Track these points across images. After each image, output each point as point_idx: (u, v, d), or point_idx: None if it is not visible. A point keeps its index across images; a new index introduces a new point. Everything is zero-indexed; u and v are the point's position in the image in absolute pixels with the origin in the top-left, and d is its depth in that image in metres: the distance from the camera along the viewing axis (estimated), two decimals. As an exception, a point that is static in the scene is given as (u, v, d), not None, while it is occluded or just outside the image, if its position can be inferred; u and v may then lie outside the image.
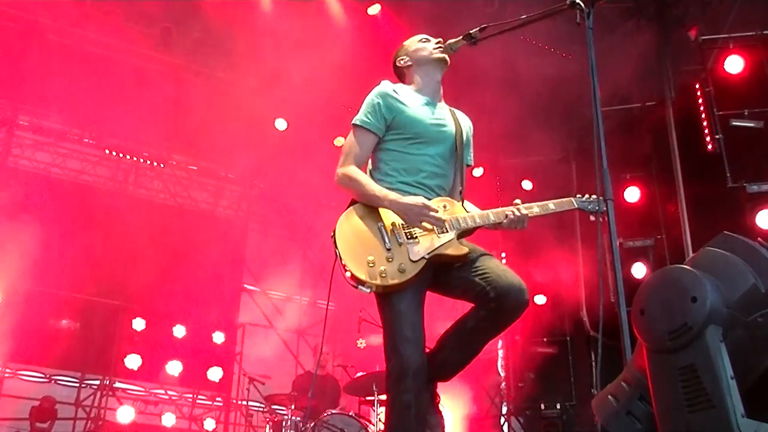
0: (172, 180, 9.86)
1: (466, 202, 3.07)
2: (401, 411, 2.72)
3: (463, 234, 2.90)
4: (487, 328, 2.82)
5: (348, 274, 2.73)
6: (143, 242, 8.46)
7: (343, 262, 2.74)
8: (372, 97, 3.02)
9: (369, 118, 2.97)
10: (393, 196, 2.83)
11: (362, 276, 2.69)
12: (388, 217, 2.83)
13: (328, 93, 7.72)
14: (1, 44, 7.52)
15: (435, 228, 2.81)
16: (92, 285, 8.49)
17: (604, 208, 2.74)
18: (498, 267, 2.81)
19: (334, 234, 2.80)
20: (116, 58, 7.96)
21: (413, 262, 2.73)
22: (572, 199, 3.10)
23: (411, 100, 3.04)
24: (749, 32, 6.44)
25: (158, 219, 8.99)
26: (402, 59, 3.20)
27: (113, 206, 8.92)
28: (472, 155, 3.25)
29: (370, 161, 3.06)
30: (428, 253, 2.76)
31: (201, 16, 7.37)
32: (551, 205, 3.05)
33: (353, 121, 3.02)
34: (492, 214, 2.94)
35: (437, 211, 2.80)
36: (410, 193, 2.88)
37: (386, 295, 2.77)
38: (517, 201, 2.98)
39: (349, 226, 2.82)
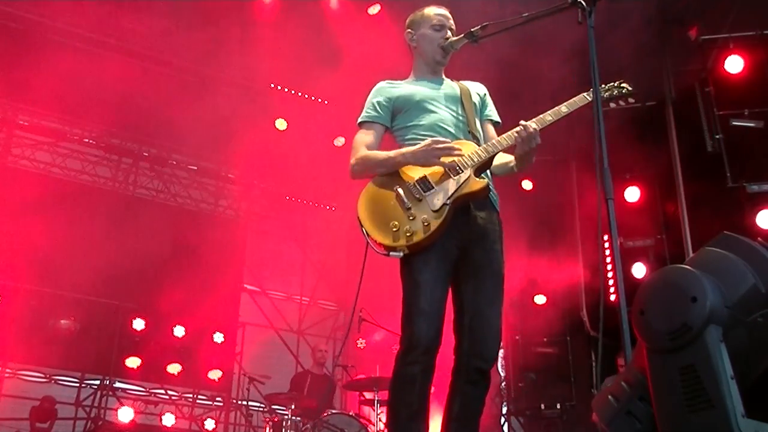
0: (172, 180, 9.87)
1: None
2: (404, 383, 2.69)
3: (481, 168, 2.88)
4: (470, 395, 2.81)
5: (376, 245, 2.73)
6: (143, 242, 8.46)
7: (370, 236, 2.74)
8: (369, 96, 3.12)
9: (369, 112, 3.06)
10: (404, 149, 2.86)
11: (388, 242, 2.70)
12: (404, 178, 2.83)
13: (328, 93, 7.72)
14: (1, 44, 7.52)
15: (449, 172, 2.80)
16: (92, 285, 8.48)
17: (629, 91, 2.85)
18: (487, 322, 2.79)
19: (358, 216, 2.80)
20: (116, 58, 7.96)
21: (435, 211, 2.72)
22: (584, 94, 2.98)
23: (407, 83, 3.15)
24: (749, 32, 6.43)
25: (159, 219, 8.99)
26: (410, 34, 3.22)
27: (113, 206, 8.92)
28: (495, 112, 3.22)
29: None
30: (448, 199, 2.75)
31: (202, 16, 7.37)
32: (564, 108, 2.95)
33: (358, 122, 3.09)
34: (503, 138, 2.89)
35: (449, 141, 2.80)
36: None
37: (408, 263, 2.76)
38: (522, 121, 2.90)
39: (367, 200, 2.83)
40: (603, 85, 3.00)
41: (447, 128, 2.97)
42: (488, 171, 3.00)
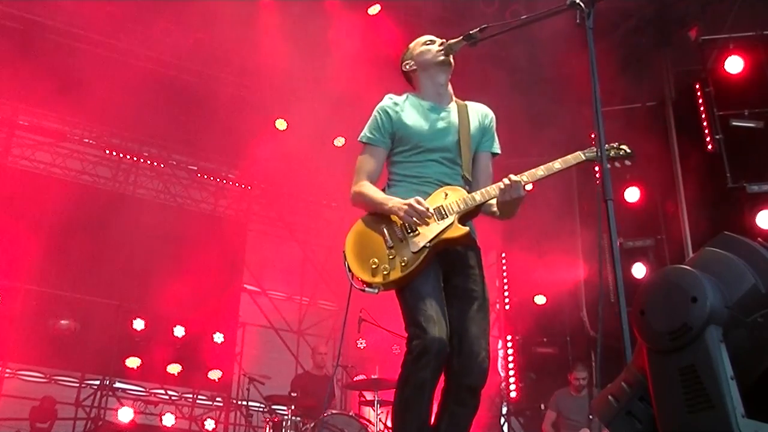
0: (172, 180, 9.87)
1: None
2: (415, 388, 2.70)
3: (466, 216, 2.91)
4: (458, 414, 2.81)
5: (355, 279, 2.83)
6: (143, 242, 8.47)
7: (351, 270, 2.84)
8: (374, 113, 3.12)
9: (373, 134, 3.08)
10: (393, 201, 2.89)
11: (366, 277, 2.79)
12: (392, 218, 2.89)
13: (329, 93, 7.72)
14: (1, 44, 7.52)
15: (434, 216, 2.84)
16: (92, 285, 8.49)
17: (627, 154, 2.88)
18: (476, 340, 2.80)
19: (344, 251, 2.89)
20: (116, 58, 7.96)
21: (415, 253, 2.78)
22: (580, 152, 2.99)
23: (412, 109, 3.09)
24: (749, 32, 6.44)
25: (158, 219, 8.99)
26: (407, 63, 3.22)
27: (113, 206, 8.93)
28: (495, 143, 3.22)
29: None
30: (428, 242, 2.80)
31: (201, 16, 7.37)
32: (557, 164, 2.98)
33: (359, 139, 3.11)
34: (494, 188, 2.92)
35: (426, 209, 2.81)
36: (422, 194, 2.92)
37: (407, 284, 2.80)
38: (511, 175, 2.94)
39: (355, 236, 2.93)
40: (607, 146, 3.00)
41: (442, 170, 3.00)
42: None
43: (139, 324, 8.66)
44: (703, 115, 6.57)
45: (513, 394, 8.52)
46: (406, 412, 2.72)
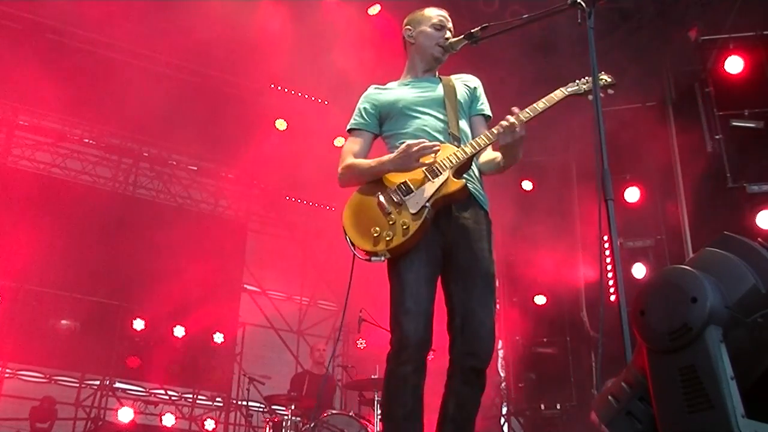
0: (172, 180, 9.87)
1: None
2: (397, 384, 2.70)
3: (461, 169, 2.87)
4: (465, 395, 2.78)
5: (359, 251, 2.78)
6: (143, 242, 8.47)
7: (353, 243, 2.79)
8: (358, 102, 3.16)
9: (356, 119, 3.11)
10: (384, 157, 2.89)
11: (369, 247, 2.75)
12: (386, 184, 2.86)
13: (329, 93, 7.72)
14: (1, 44, 7.52)
15: (428, 175, 2.81)
16: (92, 285, 8.49)
17: (604, 81, 2.81)
18: (478, 320, 2.77)
19: (342, 224, 2.86)
20: (116, 58, 7.96)
21: (414, 214, 2.74)
22: (561, 89, 2.94)
23: (395, 85, 3.16)
24: (749, 32, 6.44)
25: (158, 219, 8.99)
26: (409, 30, 3.21)
27: (113, 206, 8.93)
28: (485, 105, 3.18)
29: None
30: (427, 201, 2.76)
31: (201, 16, 7.37)
32: (540, 104, 2.88)
33: (346, 129, 3.14)
34: (482, 138, 2.88)
35: (424, 140, 2.80)
36: None
37: (394, 264, 2.79)
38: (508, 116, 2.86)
39: (351, 208, 2.89)
40: (585, 78, 2.94)
41: (429, 132, 2.97)
42: (475, 170, 2.99)
43: (139, 324, 8.66)
44: (703, 115, 6.58)
45: (513, 394, 8.52)
46: (392, 404, 2.73)
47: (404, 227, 2.72)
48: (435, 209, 2.77)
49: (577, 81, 2.95)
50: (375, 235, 2.74)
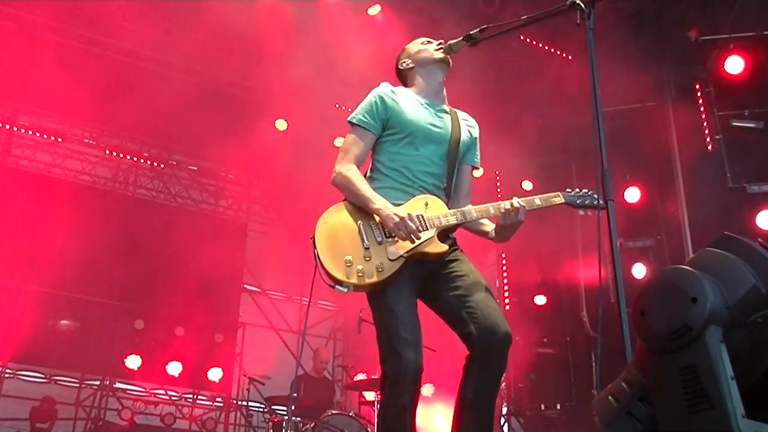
0: (172, 180, 9.87)
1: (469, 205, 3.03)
2: (397, 415, 2.69)
3: (445, 232, 2.88)
4: (485, 380, 2.72)
5: (325, 274, 2.77)
6: (143, 242, 8.46)
7: (322, 262, 2.78)
8: (370, 97, 3.04)
9: (366, 117, 3.00)
10: (380, 203, 2.81)
11: (339, 275, 2.73)
12: (373, 217, 2.83)
13: (329, 93, 7.72)
14: (1, 44, 7.52)
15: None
16: (92, 285, 8.49)
17: (598, 204, 2.78)
18: (484, 303, 2.75)
19: (313, 236, 2.85)
20: (116, 59, 7.95)
21: (391, 261, 2.73)
22: (561, 194, 3.00)
23: (409, 101, 3.05)
24: (749, 32, 6.44)
25: (158, 219, 8.99)
26: (404, 62, 3.20)
27: (113, 206, 8.93)
28: (477, 156, 3.21)
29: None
30: (406, 252, 2.75)
31: (201, 16, 7.36)
32: (537, 200, 2.96)
33: (350, 119, 3.03)
34: (479, 210, 2.91)
35: (417, 227, 2.75)
36: (404, 192, 2.90)
37: (381, 297, 2.76)
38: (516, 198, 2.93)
39: (327, 226, 2.88)
40: (578, 190, 3.02)
41: (428, 170, 2.95)
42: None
43: (139, 324, 8.66)
44: (703, 115, 6.58)
45: (513, 394, 8.52)
46: None
47: (379, 270, 2.71)
48: (411, 261, 2.76)
49: (575, 192, 3.02)
50: (347, 265, 2.72)
